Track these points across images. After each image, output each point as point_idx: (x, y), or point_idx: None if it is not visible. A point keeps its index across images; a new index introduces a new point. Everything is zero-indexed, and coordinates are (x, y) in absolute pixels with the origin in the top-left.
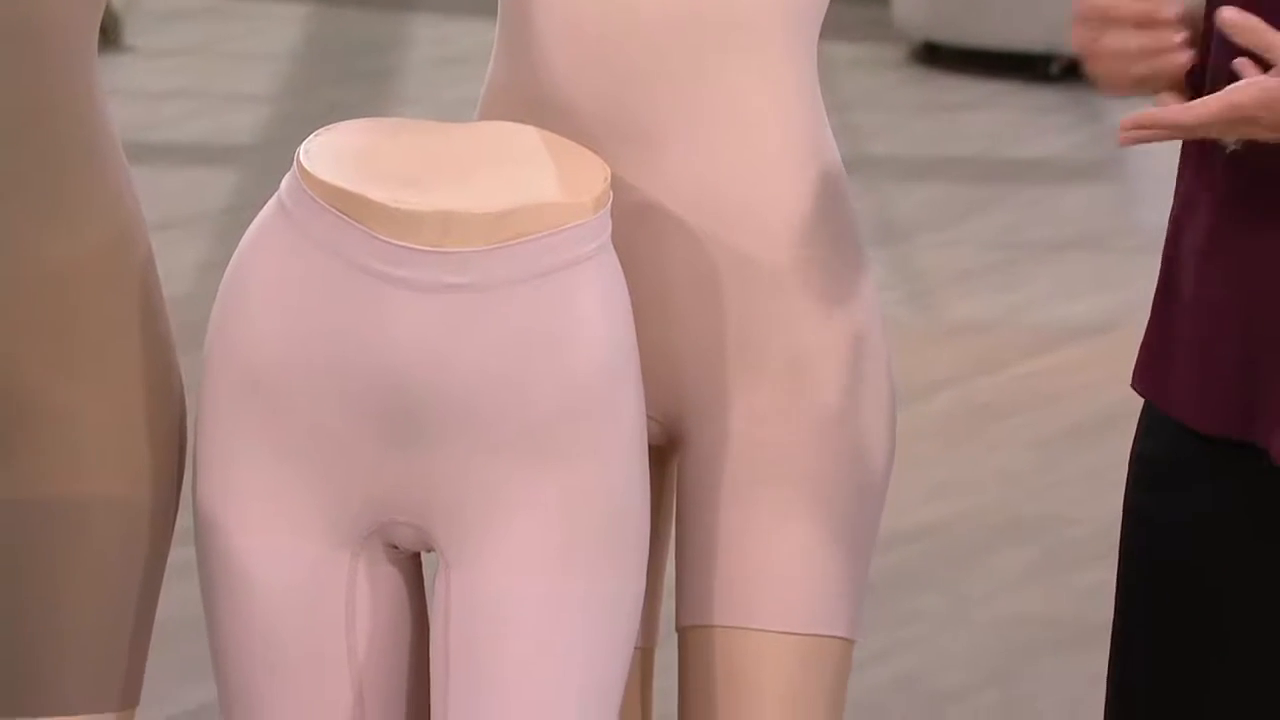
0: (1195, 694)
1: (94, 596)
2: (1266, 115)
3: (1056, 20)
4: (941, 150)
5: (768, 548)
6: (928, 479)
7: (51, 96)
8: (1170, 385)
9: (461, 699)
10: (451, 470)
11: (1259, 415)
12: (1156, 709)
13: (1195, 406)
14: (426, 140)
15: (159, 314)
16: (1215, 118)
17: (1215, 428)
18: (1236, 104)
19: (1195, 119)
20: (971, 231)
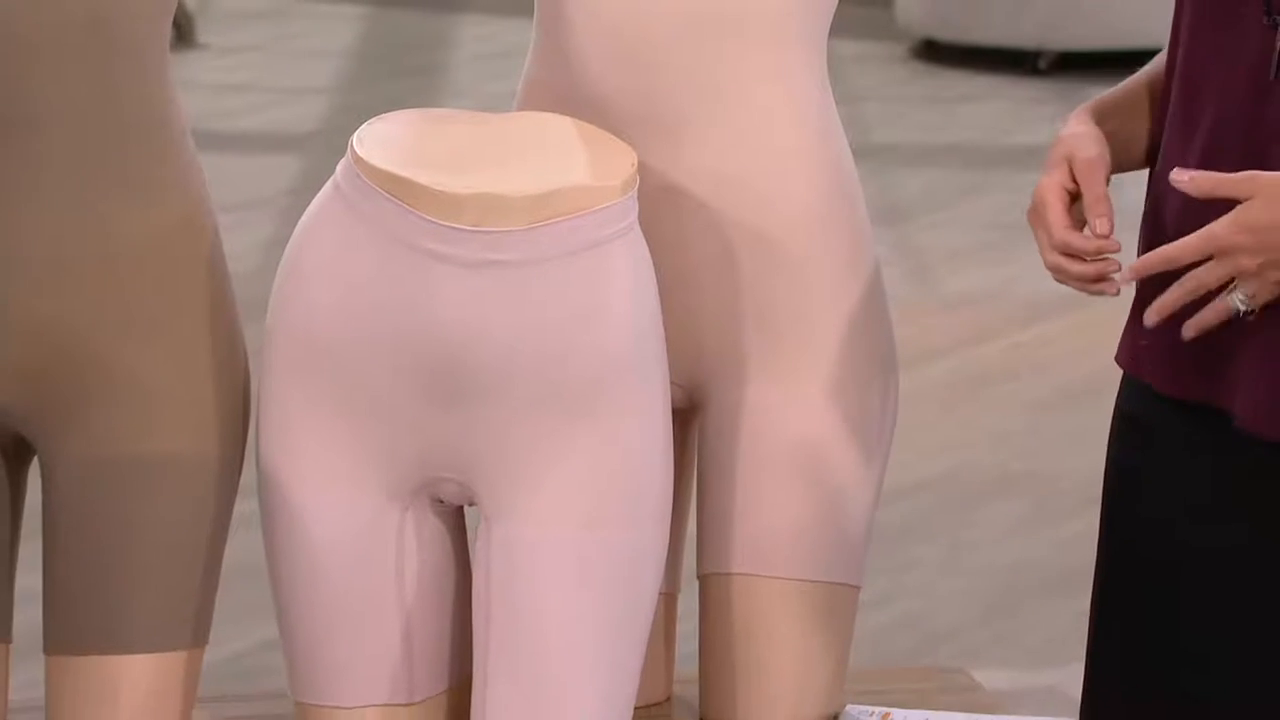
0: (1168, 632)
1: (166, 545)
2: (1245, 239)
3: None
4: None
5: (781, 502)
6: (927, 439)
7: (126, 88)
8: (1143, 354)
9: (501, 639)
10: (492, 430)
11: (1221, 381)
12: (1131, 644)
13: (1164, 373)
14: (469, 129)
15: (225, 287)
16: (1198, 249)
17: (1183, 392)
18: (1213, 234)
19: (1180, 252)
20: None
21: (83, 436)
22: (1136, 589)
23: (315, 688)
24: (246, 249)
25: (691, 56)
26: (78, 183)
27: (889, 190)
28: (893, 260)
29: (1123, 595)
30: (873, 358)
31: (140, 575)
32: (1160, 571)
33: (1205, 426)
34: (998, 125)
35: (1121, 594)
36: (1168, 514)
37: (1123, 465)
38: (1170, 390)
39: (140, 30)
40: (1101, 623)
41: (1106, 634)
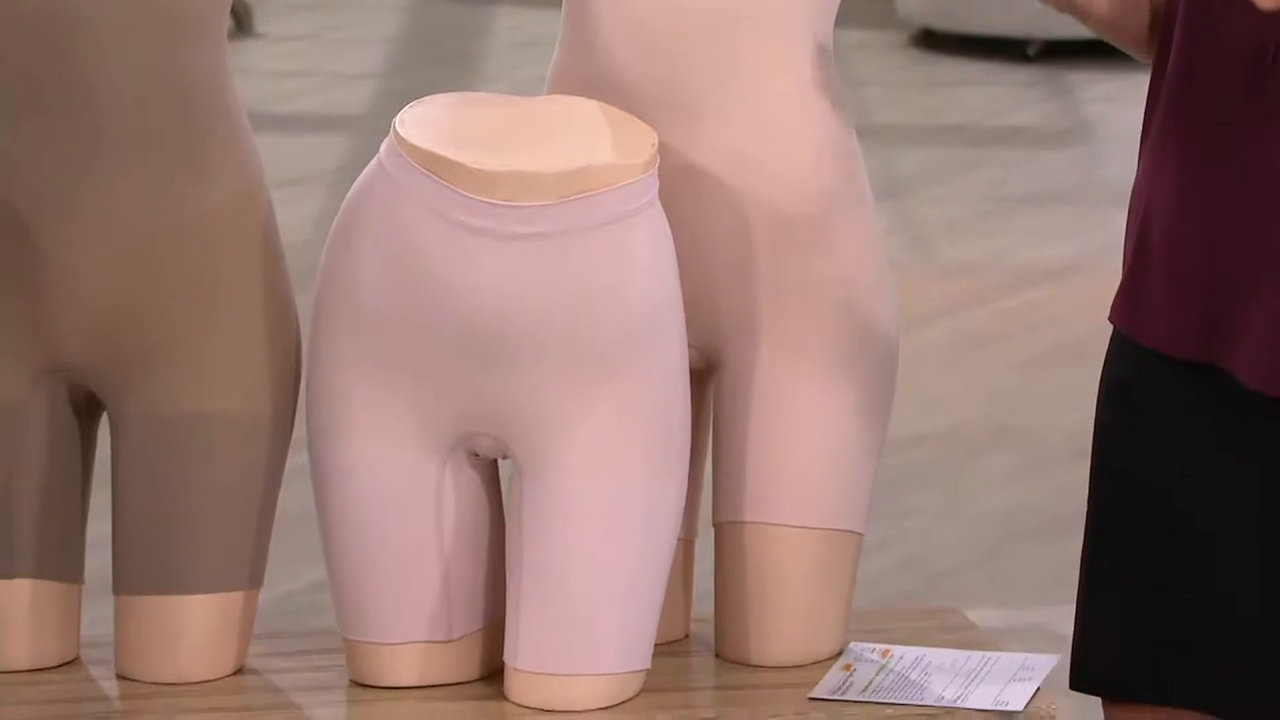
0: (1153, 574)
1: (224, 495)
2: None
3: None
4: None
5: (791, 455)
6: (925, 395)
7: (188, 72)
8: (1144, 318)
9: (532, 580)
10: (524, 389)
11: (1221, 342)
12: (1121, 585)
13: (1166, 336)
14: (502, 111)
15: (278, 257)
16: None
17: (1184, 353)
18: None
19: None
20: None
21: (147, 395)
22: (1130, 541)
23: (361, 625)
24: (298, 221)
25: (709, 46)
26: (142, 161)
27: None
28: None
29: (1115, 547)
30: (875, 320)
31: (200, 523)
32: (1153, 523)
33: (1202, 385)
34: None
35: (1114, 546)
36: (1161, 469)
37: (1114, 424)
38: (1170, 350)
39: (201, 18)
40: (1093, 572)
41: (1099, 582)
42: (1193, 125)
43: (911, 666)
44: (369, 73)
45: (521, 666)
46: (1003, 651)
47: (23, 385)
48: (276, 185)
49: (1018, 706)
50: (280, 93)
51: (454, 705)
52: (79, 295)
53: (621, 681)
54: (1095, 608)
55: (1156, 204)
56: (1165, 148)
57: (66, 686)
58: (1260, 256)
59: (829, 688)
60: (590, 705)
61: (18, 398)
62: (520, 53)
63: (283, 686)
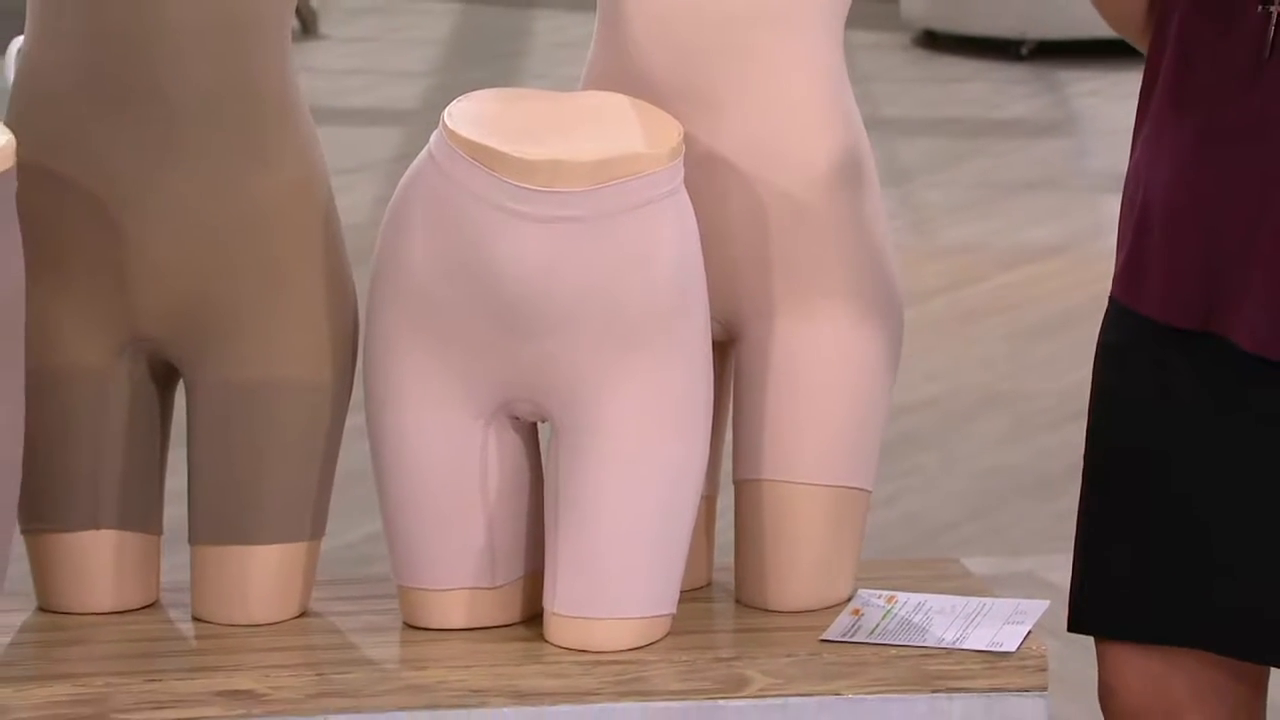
0: (1145, 526)
1: (289, 453)
2: None
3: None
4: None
5: (804, 419)
6: (925, 364)
7: (255, 70)
8: (1144, 290)
9: (569, 532)
10: (561, 359)
11: (1218, 310)
12: (1115, 536)
13: (1165, 306)
14: (541, 105)
15: (338, 237)
16: None
17: (1183, 321)
18: None
19: None
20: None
21: (219, 364)
22: (1124, 495)
23: (413, 573)
24: (357, 205)
25: (730, 44)
26: (213, 152)
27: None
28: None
29: (1110, 501)
30: (881, 295)
31: (268, 479)
32: (1145, 479)
33: (1197, 352)
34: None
35: (1108, 500)
36: (1154, 430)
37: (1110, 388)
38: (1170, 319)
39: (266, 23)
40: (1089, 524)
41: (1094, 533)
42: (1190, 110)
43: (914, 611)
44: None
45: (559, 610)
46: (997, 597)
47: (108, 356)
48: (337, 173)
49: (1011, 647)
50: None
51: (498, 646)
52: (158, 275)
53: (649, 624)
54: (1090, 557)
55: (1155, 185)
56: (1163, 131)
57: (147, 627)
58: (1257, 230)
59: (839, 630)
60: (621, 646)
61: (103, 367)
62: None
63: (343, 628)
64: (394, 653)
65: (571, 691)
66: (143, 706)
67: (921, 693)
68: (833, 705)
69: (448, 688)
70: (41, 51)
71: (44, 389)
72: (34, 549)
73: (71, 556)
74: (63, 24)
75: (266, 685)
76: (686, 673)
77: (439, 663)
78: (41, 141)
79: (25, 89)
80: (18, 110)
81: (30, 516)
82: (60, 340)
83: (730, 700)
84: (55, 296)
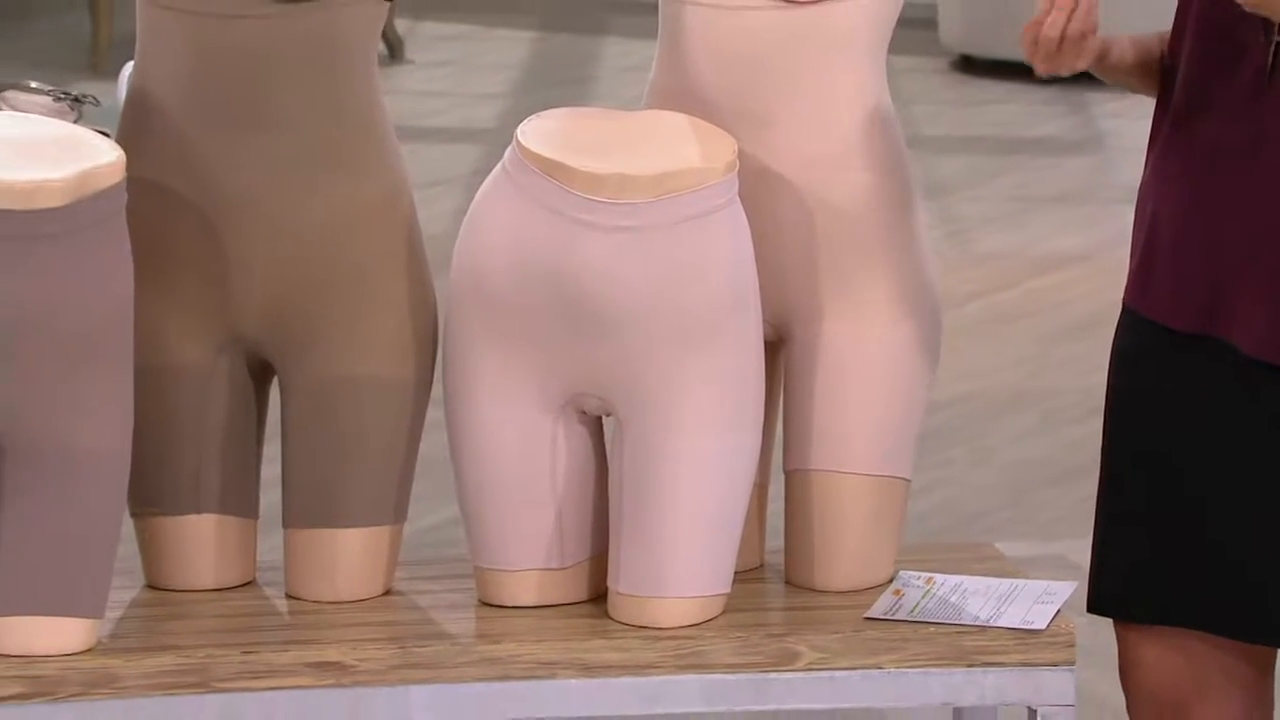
0: (1157, 516)
1: (374, 444)
2: None
3: None
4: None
5: (850, 413)
6: (960, 363)
7: (344, 92)
8: (1152, 296)
9: (632, 516)
10: (624, 358)
11: (1220, 316)
12: (1130, 525)
13: (1171, 311)
14: (607, 123)
15: (419, 246)
16: None
17: (1187, 326)
18: None
19: None
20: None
21: (310, 362)
22: (1137, 487)
23: (489, 555)
24: (438, 216)
25: (782, 67)
26: (306, 166)
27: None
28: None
29: (1124, 492)
30: (920, 300)
31: (355, 467)
32: (1157, 472)
33: (1201, 354)
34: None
35: (1123, 491)
36: (1163, 426)
37: (1123, 388)
38: (1175, 324)
39: (354, 46)
40: (1106, 514)
41: (1111, 522)
42: (1197, 129)
43: (951, 591)
44: (499, 93)
45: (622, 590)
46: (1028, 579)
47: (209, 354)
48: (420, 187)
49: (1041, 625)
50: (425, 110)
51: (565, 622)
52: (255, 281)
53: (706, 603)
54: (1108, 544)
55: (1164, 200)
56: (1172, 149)
57: (245, 603)
58: (1257, 244)
59: (881, 609)
60: (679, 623)
61: (205, 364)
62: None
63: (423, 605)
64: (470, 628)
65: (634, 664)
66: (240, 676)
67: (958, 666)
68: (876, 678)
69: (519, 660)
70: (149, 76)
71: (151, 385)
72: (142, 531)
73: (176, 538)
74: (168, 51)
75: (353, 657)
76: (741, 647)
77: (511, 637)
78: (150, 158)
79: (134, 109)
80: (128, 129)
81: (138, 501)
82: (166, 341)
83: (781, 673)
84: (161, 300)
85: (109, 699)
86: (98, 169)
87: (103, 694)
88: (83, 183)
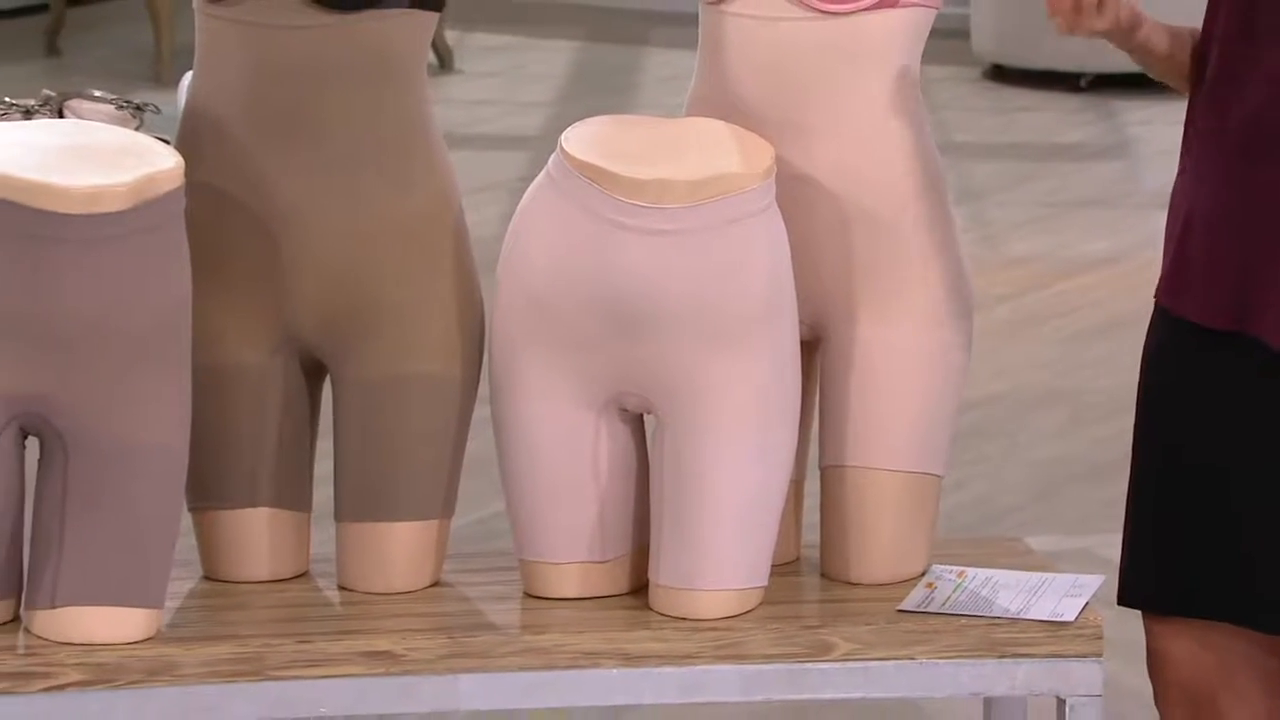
0: (1187, 511)
1: (424, 440)
2: None
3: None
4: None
5: (884, 411)
6: (992, 363)
7: (394, 100)
8: (1184, 294)
9: (672, 511)
10: (664, 357)
11: (1252, 313)
12: (1160, 520)
13: (1203, 308)
14: (648, 130)
15: (467, 248)
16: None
17: (1219, 323)
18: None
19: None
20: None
21: (362, 360)
22: (1168, 483)
23: (533, 548)
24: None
25: (819, 76)
26: (358, 172)
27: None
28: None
29: (1155, 488)
30: (954, 301)
31: (405, 462)
32: (1187, 468)
33: (1232, 351)
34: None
35: (1154, 487)
36: (1194, 423)
37: (1155, 386)
38: (1207, 321)
39: (405, 57)
40: (1137, 509)
41: (1141, 518)
42: (1229, 128)
43: (982, 585)
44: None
45: (663, 582)
46: (1057, 573)
47: (264, 354)
48: (468, 192)
49: (1070, 617)
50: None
51: (608, 613)
52: (308, 283)
53: (744, 595)
54: (1138, 539)
55: (1197, 197)
56: (1203, 151)
57: (299, 594)
58: None
59: (914, 602)
60: (718, 614)
61: (260, 364)
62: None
63: (470, 596)
64: (516, 619)
65: (674, 655)
66: (295, 664)
67: (989, 658)
68: (909, 668)
69: (564, 650)
70: (207, 84)
71: (208, 384)
72: (199, 524)
73: (232, 531)
74: (225, 61)
75: (403, 647)
76: (778, 638)
77: (556, 628)
78: (207, 164)
79: (193, 117)
80: (187, 136)
81: (196, 496)
82: (223, 341)
83: (817, 663)
84: (219, 302)
85: (168, 686)
86: (158, 174)
87: (162, 681)
88: (143, 188)
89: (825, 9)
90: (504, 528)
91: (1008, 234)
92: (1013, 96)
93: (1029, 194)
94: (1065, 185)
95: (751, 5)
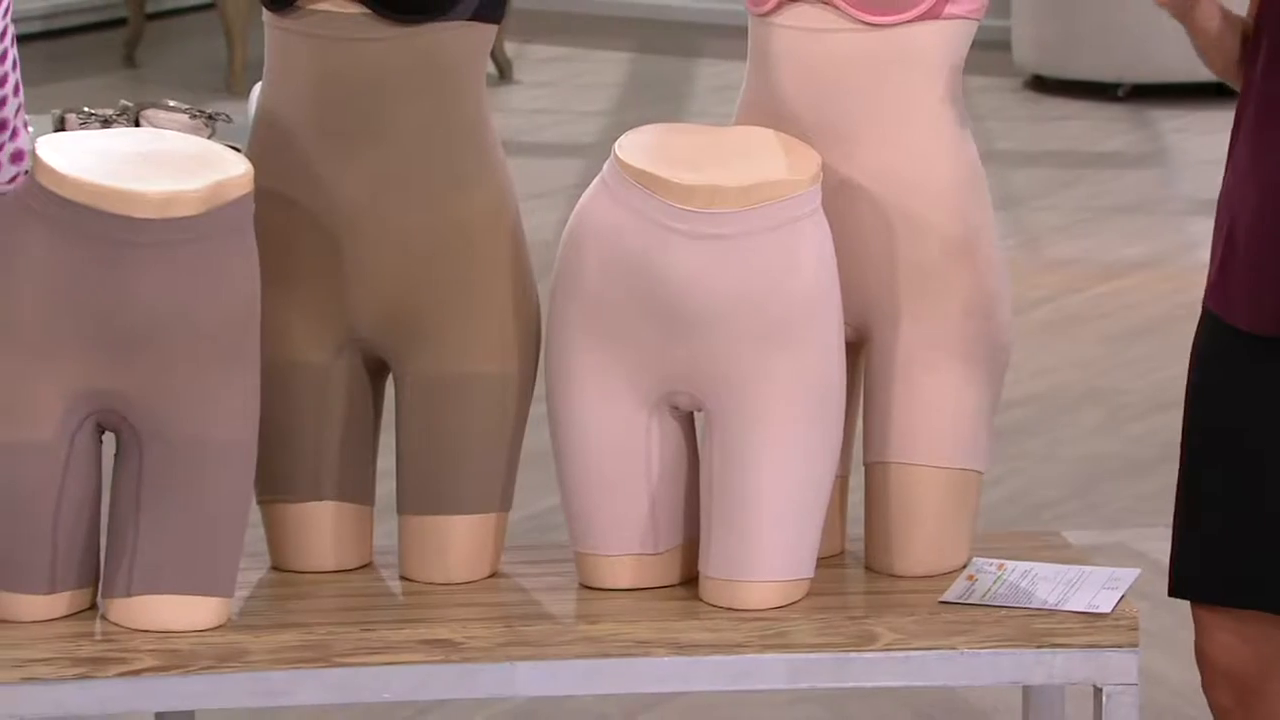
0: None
1: (482, 437)
2: None
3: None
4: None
5: (927, 409)
6: (1032, 362)
7: (454, 109)
8: (1232, 301)
9: (721, 505)
10: (714, 357)
11: None
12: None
13: (1251, 315)
14: (698, 137)
15: (524, 252)
16: None
17: (1266, 330)
18: None
19: None
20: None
21: (422, 360)
22: (1216, 480)
23: (588, 540)
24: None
25: (864, 86)
26: (420, 178)
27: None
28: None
29: (1204, 484)
30: (993, 304)
31: (465, 458)
32: (1235, 465)
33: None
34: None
35: (1203, 484)
36: (1242, 423)
37: (1204, 387)
38: (1258, 328)
39: (464, 67)
40: (1187, 505)
41: (1191, 513)
42: (1273, 140)
43: (1022, 577)
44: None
45: (712, 574)
46: (1094, 566)
47: (328, 353)
48: (526, 197)
49: (1107, 609)
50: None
51: (659, 604)
52: (372, 284)
53: (791, 587)
54: (1188, 533)
55: (1244, 204)
56: (1248, 158)
57: (363, 584)
58: None
59: (956, 593)
60: (765, 605)
61: (325, 363)
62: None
63: (527, 587)
64: (571, 609)
65: (723, 644)
66: (358, 652)
67: (1028, 648)
68: (950, 658)
69: (617, 639)
70: (276, 95)
71: (276, 381)
72: (267, 517)
73: (299, 524)
74: (293, 72)
75: (462, 635)
76: (823, 628)
77: (609, 618)
78: (276, 170)
79: (263, 126)
80: (256, 144)
81: (264, 489)
82: (289, 339)
83: (861, 653)
84: (286, 302)
85: (238, 672)
86: (229, 181)
87: (232, 667)
88: (215, 194)
89: (871, 21)
90: (559, 521)
91: (1047, 238)
92: (1052, 106)
93: (1068, 200)
94: (1103, 191)
95: (799, 17)
